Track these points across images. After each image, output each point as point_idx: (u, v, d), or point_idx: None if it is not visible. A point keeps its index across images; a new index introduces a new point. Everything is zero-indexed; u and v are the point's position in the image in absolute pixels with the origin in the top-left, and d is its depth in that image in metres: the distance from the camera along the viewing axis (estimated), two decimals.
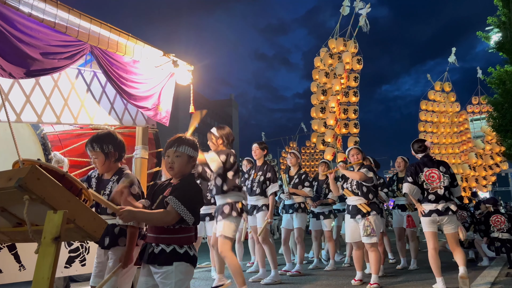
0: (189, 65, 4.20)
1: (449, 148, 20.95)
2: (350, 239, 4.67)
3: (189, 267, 2.08)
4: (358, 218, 4.50)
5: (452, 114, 21.33)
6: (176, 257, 2.04)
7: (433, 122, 20.58)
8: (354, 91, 17.88)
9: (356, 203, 4.54)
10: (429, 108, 20.56)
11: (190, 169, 2.25)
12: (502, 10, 11.54)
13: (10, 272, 2.90)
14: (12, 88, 3.29)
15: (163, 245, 2.05)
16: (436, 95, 20.83)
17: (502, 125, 12.14)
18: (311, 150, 28.04)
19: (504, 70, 11.72)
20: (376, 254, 4.48)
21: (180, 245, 2.06)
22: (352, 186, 4.63)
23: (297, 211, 5.71)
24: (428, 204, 4.24)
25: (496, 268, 5.78)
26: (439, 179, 4.24)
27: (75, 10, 3.13)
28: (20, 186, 1.46)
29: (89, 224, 1.65)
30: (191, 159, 2.23)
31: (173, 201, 2.03)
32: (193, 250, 2.12)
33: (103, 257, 2.61)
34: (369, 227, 4.38)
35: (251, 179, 5.13)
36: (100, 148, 2.62)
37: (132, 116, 4.10)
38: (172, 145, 2.22)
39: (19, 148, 2.55)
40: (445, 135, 20.85)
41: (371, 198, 4.52)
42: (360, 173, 4.52)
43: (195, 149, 2.26)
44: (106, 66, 3.42)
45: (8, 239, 1.96)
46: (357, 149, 4.80)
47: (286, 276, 5.36)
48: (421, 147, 4.43)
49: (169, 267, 2.02)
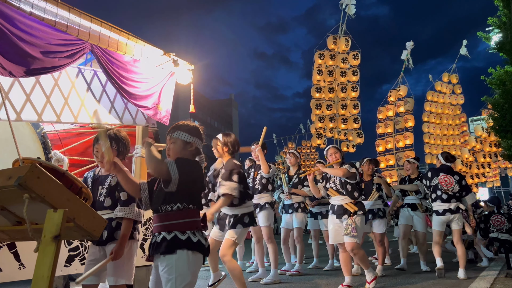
0: (189, 64, 4.20)
1: (450, 139, 21.31)
2: (334, 240, 4.46)
3: (194, 255, 1.99)
4: (344, 218, 4.28)
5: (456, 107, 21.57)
6: (178, 245, 1.97)
7: (437, 113, 20.93)
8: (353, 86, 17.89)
9: (342, 203, 4.33)
10: (435, 99, 20.89)
11: (190, 155, 2.17)
12: (503, 11, 11.54)
13: (9, 271, 2.90)
14: (13, 87, 3.29)
15: (164, 232, 2.00)
16: (443, 86, 21.12)
17: (502, 126, 12.13)
18: (307, 150, 28.09)
19: (504, 71, 11.72)
20: (359, 254, 4.27)
21: (182, 231, 1.99)
22: (336, 185, 4.41)
23: (296, 210, 5.70)
24: (441, 204, 5.08)
25: (496, 268, 5.78)
26: (451, 184, 5.10)
27: (76, 9, 3.13)
28: (20, 185, 1.46)
29: (89, 223, 1.65)
30: (188, 144, 2.17)
31: (168, 160, 2.06)
32: (198, 236, 2.02)
33: (98, 254, 2.59)
34: (350, 225, 4.17)
35: (251, 177, 5.14)
36: (115, 145, 2.67)
37: (132, 115, 4.11)
38: (168, 133, 2.22)
39: (19, 147, 2.56)
40: (447, 126, 21.24)
41: (356, 197, 4.33)
42: (343, 169, 4.29)
43: (192, 134, 2.19)
44: (106, 65, 3.42)
45: (8, 238, 1.97)
46: (335, 148, 4.59)
47: (285, 276, 5.37)
48: (448, 158, 5.43)
49: (173, 257, 1.96)
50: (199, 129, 2.25)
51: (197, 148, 2.21)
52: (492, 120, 12.82)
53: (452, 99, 21.37)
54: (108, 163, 2.12)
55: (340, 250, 4.52)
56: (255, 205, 4.98)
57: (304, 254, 5.91)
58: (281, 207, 6.15)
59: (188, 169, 2.08)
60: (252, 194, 3.78)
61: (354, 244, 4.22)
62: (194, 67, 4.25)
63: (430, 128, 20.53)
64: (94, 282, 2.59)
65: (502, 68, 12.06)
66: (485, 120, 15.63)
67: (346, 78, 18.05)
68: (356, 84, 18.13)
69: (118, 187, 2.61)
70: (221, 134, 3.82)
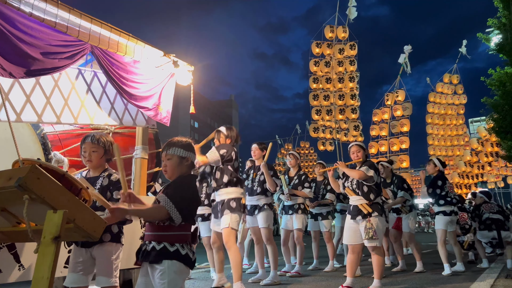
0: (189, 65, 4.20)
1: (454, 140, 21.43)
2: (348, 241, 4.37)
3: (182, 266, 2.07)
4: (358, 219, 4.22)
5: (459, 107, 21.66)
6: (166, 255, 2.04)
7: (440, 114, 21.06)
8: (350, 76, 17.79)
9: (357, 203, 4.27)
10: (437, 100, 21.03)
11: (185, 169, 2.25)
12: (503, 12, 11.53)
13: (9, 272, 2.90)
14: (13, 88, 3.29)
15: (155, 242, 2.07)
16: (444, 87, 21.22)
17: (502, 127, 12.12)
18: (305, 151, 28.08)
19: (504, 72, 11.71)
20: (379, 258, 4.24)
21: (171, 243, 2.06)
22: (353, 185, 4.36)
23: (296, 212, 5.70)
24: (449, 206, 5.61)
25: (496, 270, 5.78)
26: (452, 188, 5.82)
27: (76, 10, 3.13)
28: (20, 186, 1.46)
29: (88, 224, 1.65)
30: (183, 159, 2.23)
31: (163, 198, 2.06)
32: (186, 249, 2.10)
33: (85, 256, 2.56)
34: (371, 229, 4.10)
35: (250, 178, 5.13)
36: (102, 144, 2.67)
37: (132, 116, 4.11)
38: (164, 149, 2.27)
39: (19, 148, 2.56)
40: (451, 127, 21.37)
41: (372, 199, 4.24)
42: (360, 172, 4.25)
43: (187, 149, 2.26)
44: (106, 66, 3.42)
45: (8, 239, 1.97)
46: (358, 146, 4.47)
47: (285, 277, 5.36)
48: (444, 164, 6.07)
49: (162, 265, 2.03)
50: (192, 144, 2.34)
51: (192, 162, 2.30)
52: (492, 121, 12.82)
53: (455, 99, 21.46)
54: (123, 195, 2.11)
55: (349, 251, 4.43)
56: (253, 207, 4.98)
57: (304, 255, 5.90)
58: (281, 208, 6.14)
59: (185, 194, 2.13)
60: (242, 182, 3.92)
61: (374, 247, 4.19)
62: (194, 68, 4.25)
63: (434, 129, 20.66)
64: (82, 285, 2.58)
65: (502, 69, 12.06)
66: (486, 121, 15.65)
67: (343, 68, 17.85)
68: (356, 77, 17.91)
69: (111, 186, 2.61)
70: (224, 127, 4.04)
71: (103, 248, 2.54)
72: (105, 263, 2.52)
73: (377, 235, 4.11)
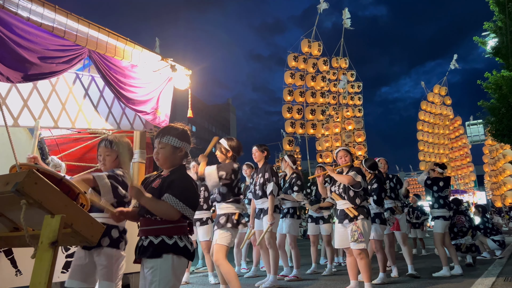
0: (187, 69, 4.21)
1: (441, 148, 22.36)
2: (339, 244, 4.43)
3: (179, 259, 2.02)
4: (345, 223, 4.27)
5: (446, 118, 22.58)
6: (165, 249, 1.99)
7: (430, 122, 21.96)
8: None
9: (343, 207, 4.33)
10: (428, 109, 21.91)
11: (179, 159, 2.19)
12: (499, 16, 11.61)
13: (6, 277, 2.88)
14: (10, 92, 3.29)
15: (152, 236, 2.02)
16: (435, 97, 21.95)
17: (499, 130, 12.17)
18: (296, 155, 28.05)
19: (501, 75, 11.77)
20: (365, 261, 4.20)
21: (169, 235, 2.01)
22: (339, 190, 4.40)
23: (285, 216, 5.67)
24: (448, 211, 5.78)
25: (494, 272, 5.78)
26: None
27: (73, 14, 3.13)
28: (17, 191, 1.45)
29: (86, 229, 1.64)
30: (177, 149, 2.17)
31: (171, 199, 2.00)
32: (184, 241, 2.05)
33: (84, 260, 2.56)
34: (356, 232, 4.14)
35: (253, 182, 5.13)
36: (116, 147, 2.69)
37: (130, 120, 4.11)
38: (157, 136, 2.20)
39: (17, 153, 2.55)
40: (439, 136, 22.33)
41: (358, 203, 4.29)
42: (348, 177, 4.28)
43: (182, 139, 2.18)
44: (104, 71, 3.42)
45: (5, 244, 1.95)
46: (345, 151, 4.55)
47: (284, 282, 5.35)
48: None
49: (158, 260, 1.98)
50: (188, 133, 2.26)
51: (186, 152, 2.23)
52: (488, 124, 12.87)
53: (443, 109, 22.42)
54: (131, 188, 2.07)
55: (346, 254, 4.49)
56: (259, 210, 4.99)
57: (300, 259, 5.88)
58: None
59: (189, 189, 2.09)
60: (238, 198, 3.82)
61: (360, 251, 4.17)
62: (191, 72, 4.26)
63: (424, 136, 21.45)
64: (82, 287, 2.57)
65: (499, 72, 12.11)
66: (482, 124, 15.79)
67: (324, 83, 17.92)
68: None
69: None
70: (224, 139, 3.89)
71: (102, 252, 2.52)
72: (105, 267, 2.51)
73: (362, 237, 4.14)
